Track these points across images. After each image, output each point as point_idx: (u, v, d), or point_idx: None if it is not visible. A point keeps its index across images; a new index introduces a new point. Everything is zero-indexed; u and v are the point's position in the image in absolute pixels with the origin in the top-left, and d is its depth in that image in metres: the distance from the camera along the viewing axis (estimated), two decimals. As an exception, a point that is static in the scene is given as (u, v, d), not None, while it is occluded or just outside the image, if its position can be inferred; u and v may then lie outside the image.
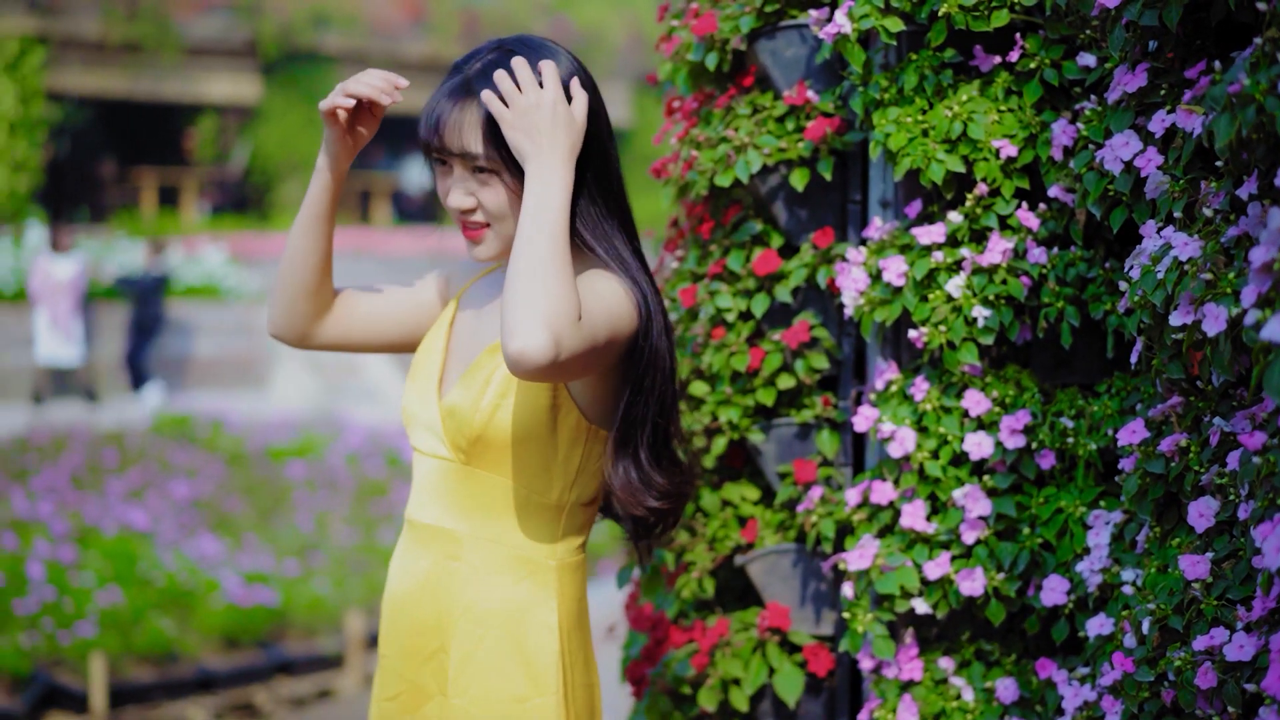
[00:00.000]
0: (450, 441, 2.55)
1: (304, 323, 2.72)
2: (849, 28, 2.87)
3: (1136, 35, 2.59)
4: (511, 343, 2.24)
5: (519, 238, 2.34)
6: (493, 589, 2.53)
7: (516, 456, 2.51)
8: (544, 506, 2.55)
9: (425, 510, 2.60)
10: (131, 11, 26.06)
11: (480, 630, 2.53)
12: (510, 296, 2.29)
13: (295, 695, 8.62)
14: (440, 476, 2.58)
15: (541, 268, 2.30)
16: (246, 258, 23.19)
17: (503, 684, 2.52)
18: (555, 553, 2.56)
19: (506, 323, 2.26)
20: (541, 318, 2.25)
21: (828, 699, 3.18)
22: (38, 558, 9.00)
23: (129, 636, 8.33)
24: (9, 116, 23.30)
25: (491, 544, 2.54)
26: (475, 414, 2.50)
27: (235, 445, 13.37)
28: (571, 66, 2.52)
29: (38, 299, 17.61)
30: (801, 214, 3.16)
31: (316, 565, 9.94)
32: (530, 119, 2.40)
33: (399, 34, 28.70)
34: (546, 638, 2.54)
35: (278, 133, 27.87)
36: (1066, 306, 2.80)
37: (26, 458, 12.39)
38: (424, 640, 2.57)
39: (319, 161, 2.63)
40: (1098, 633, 2.59)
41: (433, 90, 2.54)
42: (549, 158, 2.39)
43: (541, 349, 2.23)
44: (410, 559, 2.61)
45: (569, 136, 2.42)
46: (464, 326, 2.66)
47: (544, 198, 2.36)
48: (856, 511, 2.95)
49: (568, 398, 2.50)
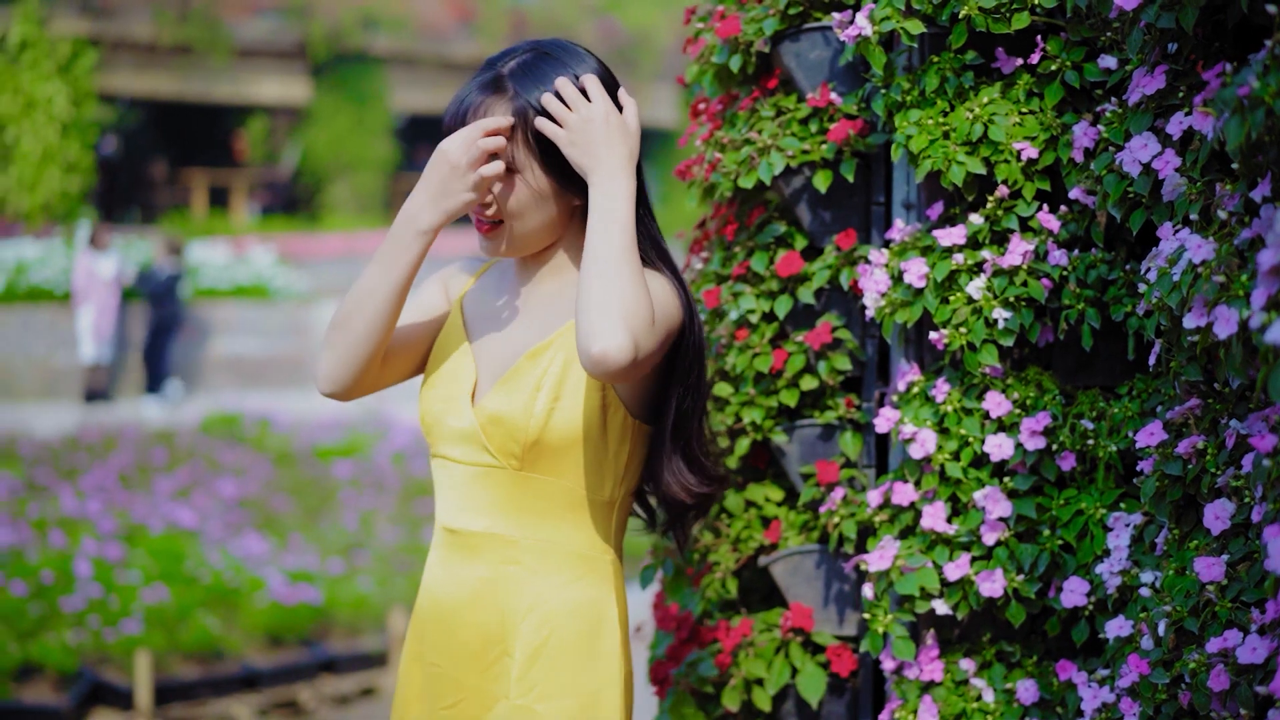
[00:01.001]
0: (499, 448, 2.55)
1: (366, 380, 2.64)
2: (869, 30, 2.88)
3: (1155, 37, 2.59)
4: (594, 345, 2.32)
5: (591, 246, 2.40)
6: (554, 589, 2.55)
7: (572, 458, 2.54)
8: (597, 504, 2.58)
9: (471, 518, 2.59)
10: (183, 13, 26.25)
11: (545, 630, 2.55)
12: (589, 302, 2.35)
13: (339, 693, 8.66)
14: (486, 483, 2.58)
15: (617, 274, 2.37)
16: (295, 258, 23.33)
17: (572, 681, 2.54)
18: (609, 550, 2.61)
19: (586, 327, 2.33)
20: (622, 321, 2.33)
21: (851, 699, 3.19)
22: (85, 556, 9.09)
23: (174, 634, 8.40)
24: (61, 118, 23.46)
25: (549, 545, 2.56)
26: (529, 420, 2.51)
27: (282, 444, 13.47)
28: (599, 75, 2.55)
29: (82, 297, 17.75)
30: (825, 216, 3.17)
31: (361, 564, 9.99)
32: (586, 134, 2.46)
33: (447, 35, 28.82)
34: (609, 632, 2.58)
35: (327, 134, 28.01)
36: (1087, 308, 2.80)
37: (76, 456, 12.52)
38: (487, 646, 2.57)
39: (426, 221, 2.53)
40: (1117, 634, 2.59)
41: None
42: (610, 169, 2.45)
43: (623, 350, 2.31)
44: (458, 567, 2.61)
45: (625, 145, 2.48)
46: (482, 332, 2.66)
47: (612, 208, 2.42)
48: (878, 513, 2.96)
49: (615, 396, 2.54)
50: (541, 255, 2.64)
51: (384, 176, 28.79)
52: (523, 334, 2.61)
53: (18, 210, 23.24)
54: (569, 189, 2.55)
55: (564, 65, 2.54)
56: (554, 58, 2.55)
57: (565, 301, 2.60)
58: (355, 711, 8.57)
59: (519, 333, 2.61)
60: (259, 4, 27.62)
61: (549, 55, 2.55)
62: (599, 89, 2.50)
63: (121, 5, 26.06)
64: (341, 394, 2.65)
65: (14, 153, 23.40)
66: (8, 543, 9.24)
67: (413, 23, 28.59)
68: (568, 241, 2.63)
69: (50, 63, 23.67)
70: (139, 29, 26.18)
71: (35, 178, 23.12)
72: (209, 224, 26.43)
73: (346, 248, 24.28)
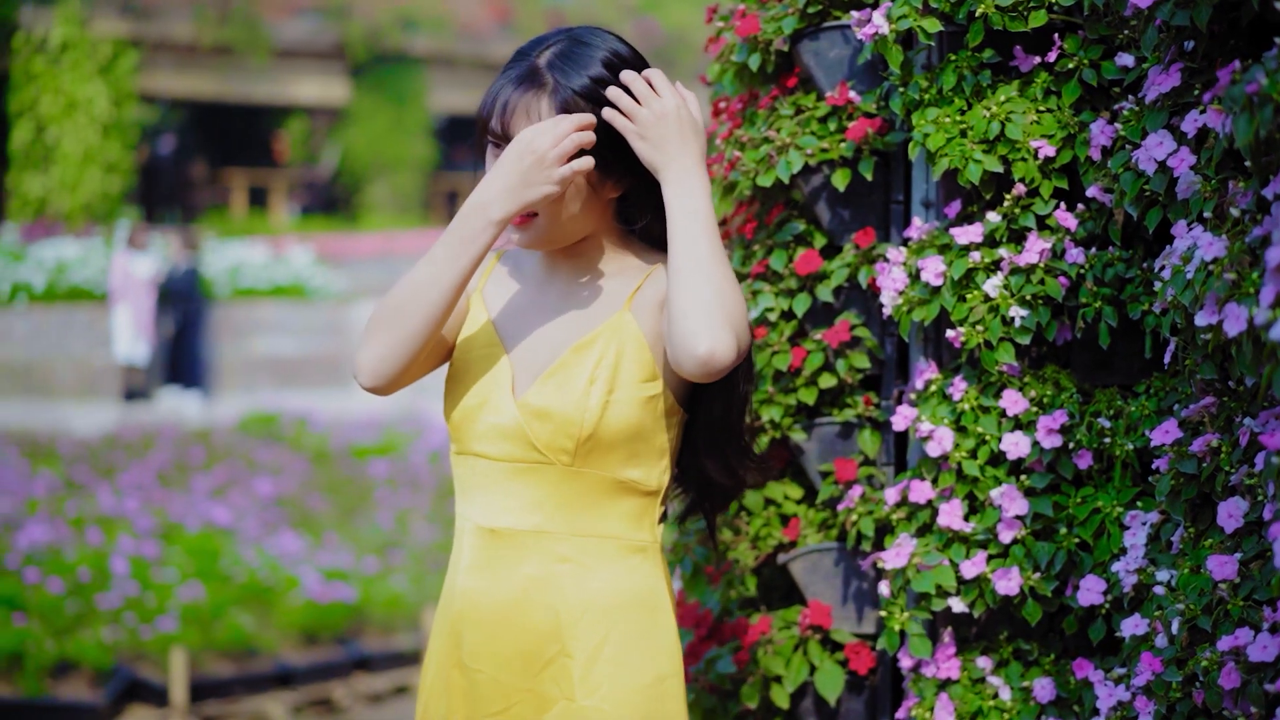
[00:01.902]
0: (546, 443, 2.50)
1: (409, 374, 2.56)
2: (886, 28, 2.88)
3: (1171, 35, 2.59)
4: (699, 347, 2.33)
5: (681, 246, 2.40)
6: (609, 582, 2.52)
7: (625, 450, 2.51)
8: (645, 494, 2.55)
9: (516, 517, 2.53)
10: (222, 14, 26.40)
11: (605, 625, 2.51)
12: (690, 303, 2.36)
13: (372, 691, 8.68)
14: (531, 480, 2.53)
15: (714, 273, 2.38)
16: (333, 258, 23.43)
17: (637, 672, 2.51)
18: (655, 538, 2.59)
19: (690, 327, 2.34)
20: (725, 319, 2.35)
21: (869, 697, 3.19)
22: (122, 553, 9.15)
23: (209, 632, 8.45)
24: (102, 119, 23.64)
25: (601, 539, 2.53)
26: (584, 414, 2.47)
27: (319, 443, 13.54)
28: (630, 60, 2.54)
29: (118, 297, 17.86)
30: (844, 214, 3.18)
31: (396, 563, 10.02)
32: (659, 130, 2.44)
33: (486, 35, 28.89)
34: (666, 619, 2.56)
35: (366, 134, 28.13)
36: (1104, 307, 2.79)
37: (115, 455, 12.61)
38: (541, 647, 2.52)
39: (500, 211, 2.47)
40: (1133, 633, 2.59)
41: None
42: (685, 165, 2.44)
43: (729, 350, 2.35)
44: (501, 568, 2.55)
45: (697, 141, 2.47)
46: (513, 325, 2.61)
47: (695, 207, 2.42)
48: (895, 510, 2.96)
49: (665, 385, 2.52)
50: (571, 246, 2.60)
51: (422, 177, 28.89)
52: (562, 327, 2.57)
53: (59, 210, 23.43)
54: (607, 182, 2.53)
55: (600, 51, 2.51)
56: (589, 44, 2.52)
57: (604, 293, 2.57)
58: (389, 709, 8.59)
59: (557, 325, 2.57)
60: (298, 4, 27.75)
61: (584, 42, 2.52)
62: (666, 82, 2.48)
63: (162, 6, 26.22)
64: (383, 388, 2.54)
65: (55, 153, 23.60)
66: (46, 540, 9.31)
67: (451, 23, 28.68)
68: (601, 233, 2.60)
69: (91, 64, 23.87)
70: (179, 30, 26.33)
71: (76, 178, 23.32)
72: (248, 224, 26.60)
73: (384, 248, 24.38)
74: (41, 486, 10.98)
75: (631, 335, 2.51)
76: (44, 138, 23.87)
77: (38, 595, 8.45)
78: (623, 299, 2.55)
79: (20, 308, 19.28)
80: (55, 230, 22.62)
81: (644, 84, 2.47)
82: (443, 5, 28.74)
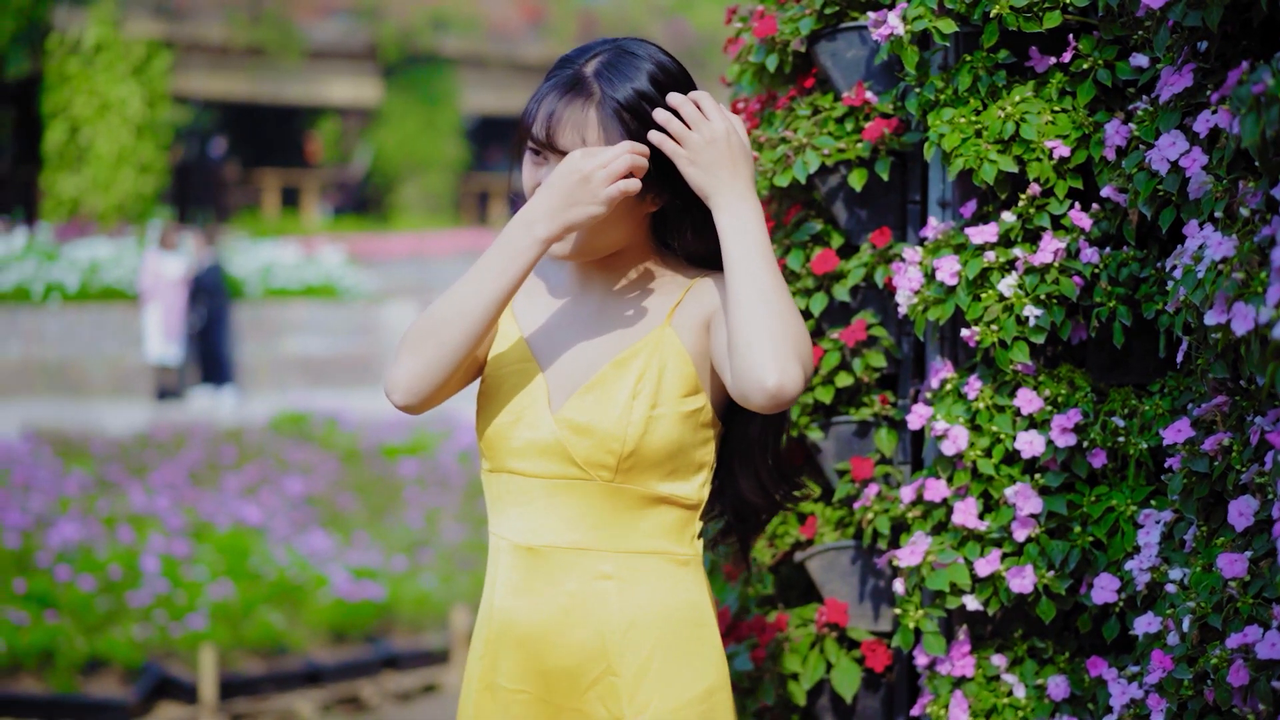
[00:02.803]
0: (586, 459, 2.48)
1: (444, 392, 2.54)
2: (901, 29, 2.90)
3: (1183, 36, 2.60)
4: (769, 379, 2.30)
5: (740, 275, 2.37)
6: (652, 598, 2.51)
7: (667, 465, 2.50)
8: (685, 507, 2.54)
9: (556, 534, 2.51)
10: (255, 16, 26.54)
11: (651, 642, 2.50)
12: (756, 334, 2.33)
13: (401, 689, 8.72)
14: (570, 496, 2.51)
15: (774, 300, 2.35)
16: (365, 258, 23.51)
17: (685, 688, 2.50)
18: (697, 551, 2.58)
19: (757, 359, 2.31)
20: (792, 350, 2.33)
21: (886, 694, 3.21)
22: (152, 552, 9.21)
23: (239, 629, 8.50)
24: (136, 120, 23.77)
25: (642, 555, 2.51)
26: (626, 429, 2.46)
27: (350, 443, 13.58)
28: (675, 73, 2.52)
29: (148, 297, 17.96)
30: (861, 214, 3.19)
31: (425, 562, 10.06)
32: (710, 155, 2.43)
33: (517, 36, 28.97)
34: (710, 633, 2.55)
35: (398, 135, 28.23)
36: (1119, 306, 2.80)
37: (147, 453, 12.68)
38: (585, 666, 2.51)
39: (545, 230, 2.45)
40: (1146, 631, 2.59)
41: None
42: (738, 191, 2.43)
43: (797, 381, 2.32)
44: (542, 587, 2.53)
45: (747, 165, 2.45)
46: (546, 340, 2.59)
47: (747, 231, 2.40)
48: (911, 509, 2.98)
49: (706, 399, 2.52)
50: (606, 259, 2.58)
51: (454, 177, 28.98)
52: (599, 341, 2.55)
53: (92, 211, 23.58)
54: (646, 196, 2.51)
55: (646, 63, 2.49)
56: (635, 54, 2.50)
57: (642, 307, 2.55)
58: (417, 708, 8.63)
59: (594, 340, 2.56)
60: (330, 6, 27.87)
61: (630, 53, 2.50)
62: (714, 105, 2.46)
63: (195, 7, 26.37)
64: (416, 405, 2.50)
65: (89, 154, 23.76)
66: (77, 538, 9.38)
67: (483, 24, 28.77)
68: (637, 246, 2.59)
69: (125, 65, 24.02)
70: (212, 31, 26.47)
71: (109, 179, 23.45)
72: (280, 224, 26.70)
73: (416, 248, 24.47)
74: (74, 485, 11.05)
75: (674, 350, 2.50)
76: (78, 138, 24.03)
77: (69, 593, 8.52)
78: (663, 313, 2.54)
79: (54, 307, 19.43)
80: (88, 230, 22.78)
81: (693, 107, 2.45)
82: (474, 6, 28.82)
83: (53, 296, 19.54)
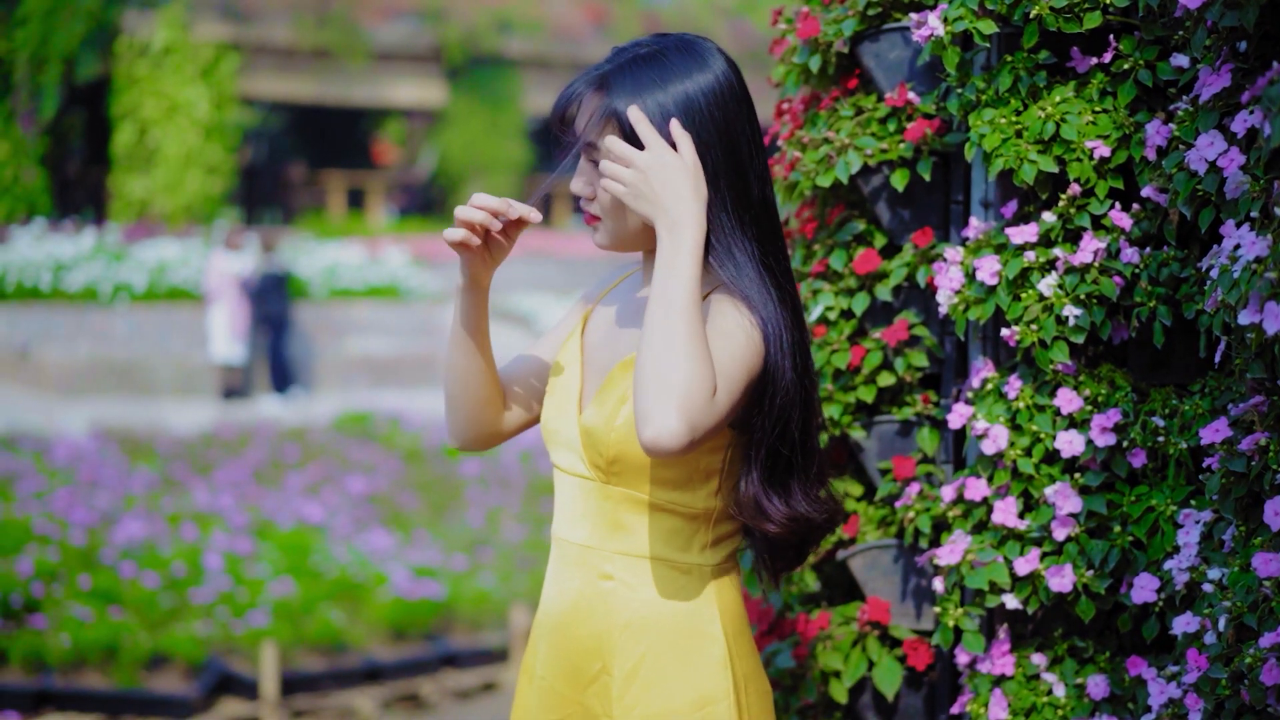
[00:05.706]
0: (589, 460, 2.52)
1: (490, 429, 2.67)
2: (941, 30, 2.91)
3: (1221, 36, 2.60)
4: (645, 430, 2.22)
5: (650, 311, 2.30)
6: (650, 604, 2.50)
7: (659, 469, 2.47)
8: (689, 517, 2.51)
9: (573, 529, 2.56)
10: (321, 18, 26.72)
11: (641, 646, 2.49)
12: (640, 380, 2.26)
13: (460, 687, 8.76)
14: (583, 495, 2.54)
15: (670, 346, 2.25)
16: (429, 259, 23.61)
17: (672, 695, 2.48)
18: (707, 561, 2.53)
19: (639, 409, 2.24)
20: (674, 403, 2.21)
21: (927, 693, 3.22)
22: (215, 549, 9.32)
23: (300, 627, 8.58)
24: (203, 121, 23.99)
25: (641, 559, 2.51)
26: (609, 433, 2.47)
27: (412, 442, 13.68)
28: (719, 77, 2.45)
29: (213, 297, 18.12)
30: (904, 214, 3.20)
31: (484, 560, 10.12)
32: (644, 188, 2.37)
33: (581, 38, 29.03)
34: (711, 646, 2.51)
35: (462, 136, 28.35)
36: (1159, 306, 2.80)
37: (211, 452, 12.82)
38: (587, 662, 2.54)
39: (460, 281, 2.57)
40: (1184, 630, 2.60)
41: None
42: (670, 221, 2.34)
43: (676, 437, 2.21)
44: (564, 578, 2.58)
45: (688, 187, 2.36)
46: (596, 337, 2.63)
47: (673, 265, 2.31)
48: (952, 508, 2.99)
49: None
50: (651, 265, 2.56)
51: (518, 178, 29.08)
52: (620, 344, 2.58)
53: (160, 212, 23.81)
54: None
55: (674, 70, 2.42)
56: (664, 61, 2.43)
57: None
58: (476, 706, 8.67)
59: (621, 342, 2.58)
60: (396, 8, 28.03)
61: (660, 58, 2.43)
62: (650, 131, 2.38)
63: (261, 10, 26.57)
64: (475, 445, 2.67)
65: (157, 156, 23.99)
66: (142, 535, 9.50)
67: (546, 25, 28.86)
68: None
69: (192, 67, 24.24)
70: (279, 33, 26.67)
71: (177, 180, 23.68)
72: (345, 225, 26.86)
73: (479, 249, 24.51)
74: (139, 483, 11.18)
75: None
76: (146, 140, 24.27)
77: (133, 589, 8.64)
78: None
79: (121, 307, 19.64)
80: (156, 231, 23.02)
81: (622, 147, 2.38)
82: (538, 8, 28.92)
83: (120, 297, 19.76)
